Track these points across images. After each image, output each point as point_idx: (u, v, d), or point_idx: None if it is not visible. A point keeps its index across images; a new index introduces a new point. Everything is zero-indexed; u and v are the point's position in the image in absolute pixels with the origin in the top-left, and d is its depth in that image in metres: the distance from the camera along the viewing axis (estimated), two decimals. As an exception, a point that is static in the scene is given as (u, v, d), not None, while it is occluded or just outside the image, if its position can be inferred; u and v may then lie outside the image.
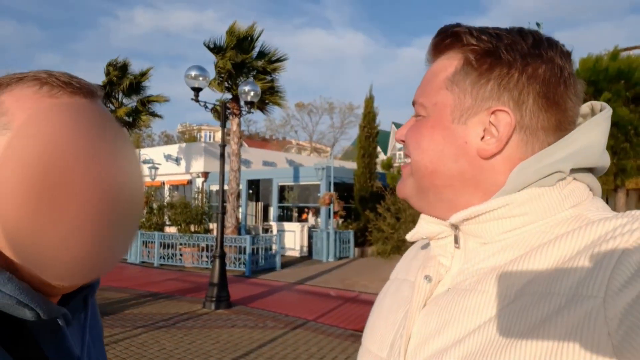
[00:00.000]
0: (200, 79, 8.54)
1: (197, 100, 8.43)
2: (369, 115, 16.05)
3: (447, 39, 0.63)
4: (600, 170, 0.62)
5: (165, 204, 16.00)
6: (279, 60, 14.78)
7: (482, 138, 0.59)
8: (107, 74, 18.57)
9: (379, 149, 17.48)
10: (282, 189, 17.41)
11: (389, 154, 17.66)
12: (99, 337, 0.75)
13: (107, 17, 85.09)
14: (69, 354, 0.59)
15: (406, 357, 0.60)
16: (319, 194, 15.29)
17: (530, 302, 0.50)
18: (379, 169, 16.29)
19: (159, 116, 18.54)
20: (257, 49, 14.55)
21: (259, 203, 19.58)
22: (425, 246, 0.75)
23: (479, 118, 0.59)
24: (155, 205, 15.88)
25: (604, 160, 0.60)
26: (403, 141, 0.67)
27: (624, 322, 0.44)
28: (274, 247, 12.69)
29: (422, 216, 0.66)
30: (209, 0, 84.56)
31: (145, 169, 18.55)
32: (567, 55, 0.60)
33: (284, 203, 17.50)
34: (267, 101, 14.59)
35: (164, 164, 20.91)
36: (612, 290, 0.45)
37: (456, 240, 0.63)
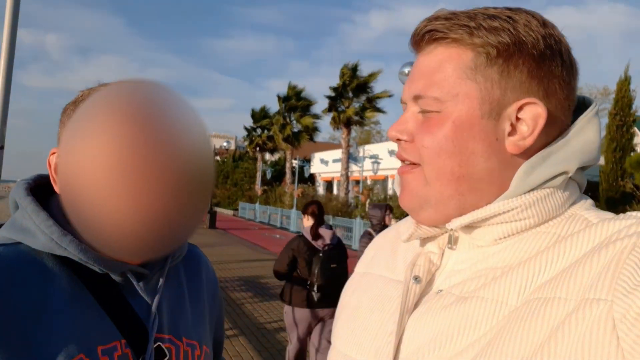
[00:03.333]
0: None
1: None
2: (623, 101, 13.22)
3: (455, 34, 0.55)
4: (589, 168, 0.60)
5: (387, 196, 16.89)
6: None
7: (510, 133, 0.55)
8: (341, 76, 20.72)
9: (636, 140, 14.24)
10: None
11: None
12: (200, 311, 0.81)
13: (345, 23, 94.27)
14: (144, 304, 0.70)
15: None
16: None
17: (536, 308, 0.48)
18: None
19: (383, 112, 19.68)
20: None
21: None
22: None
23: (508, 112, 0.55)
24: (376, 198, 16.94)
25: (598, 157, 0.58)
26: (401, 140, 0.59)
27: (635, 325, 0.42)
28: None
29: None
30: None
31: (368, 163, 19.94)
32: (562, 35, 0.57)
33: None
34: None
35: (388, 159, 21.99)
36: (620, 292, 0.44)
37: (450, 240, 0.59)
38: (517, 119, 0.55)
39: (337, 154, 25.18)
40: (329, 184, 28.89)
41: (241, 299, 6.75)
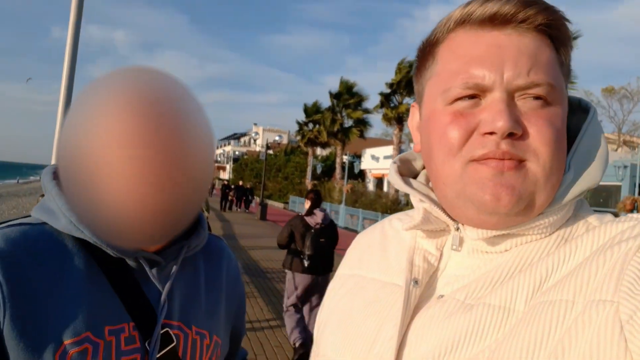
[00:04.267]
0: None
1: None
2: None
3: (556, 30, 0.52)
4: None
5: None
6: (575, 37, 12.84)
7: None
8: (398, 72, 20.40)
9: None
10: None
11: None
12: (215, 303, 0.82)
13: (404, 18, 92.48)
14: (156, 290, 0.72)
15: None
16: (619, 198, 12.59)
17: (543, 311, 0.47)
18: None
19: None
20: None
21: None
22: (392, 237, 0.66)
23: None
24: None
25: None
26: (514, 133, 0.49)
27: None
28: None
29: (427, 205, 0.57)
30: (502, -16, 79.80)
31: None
32: None
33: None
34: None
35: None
36: (626, 293, 0.43)
37: (456, 241, 0.56)
38: None
39: (388, 150, 24.88)
40: (379, 181, 28.62)
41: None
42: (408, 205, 18.94)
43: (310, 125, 30.44)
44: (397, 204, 19.53)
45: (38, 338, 0.61)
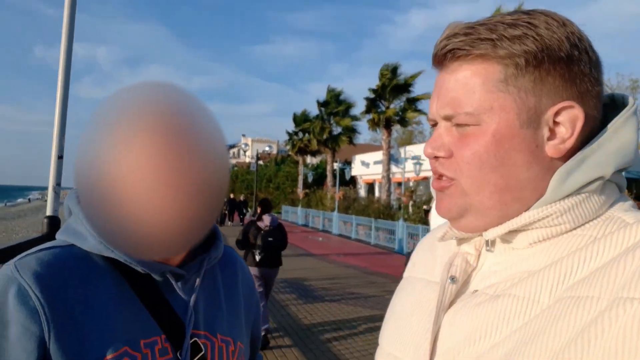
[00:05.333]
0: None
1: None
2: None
3: (479, 49, 0.55)
4: (628, 168, 0.58)
5: (431, 198, 16.56)
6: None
7: (549, 138, 0.55)
8: (381, 77, 20.59)
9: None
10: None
11: None
12: (235, 310, 0.86)
13: (386, 24, 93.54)
14: (182, 302, 0.75)
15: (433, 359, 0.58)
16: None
17: (568, 306, 0.48)
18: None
19: (424, 113, 19.37)
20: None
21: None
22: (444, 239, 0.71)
23: (545, 117, 0.54)
24: (419, 200, 16.66)
25: (637, 158, 0.57)
26: (438, 157, 0.59)
27: None
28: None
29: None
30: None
31: (410, 164, 19.69)
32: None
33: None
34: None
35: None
36: None
37: (487, 242, 0.60)
38: (555, 122, 0.54)
39: (378, 155, 25.00)
40: (370, 186, 28.72)
41: (285, 301, 6.84)
42: (400, 209, 19.02)
43: (300, 134, 30.52)
44: (389, 209, 19.60)
45: (80, 353, 0.64)
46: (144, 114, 0.59)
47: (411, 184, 22.38)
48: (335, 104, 26.58)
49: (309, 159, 34.17)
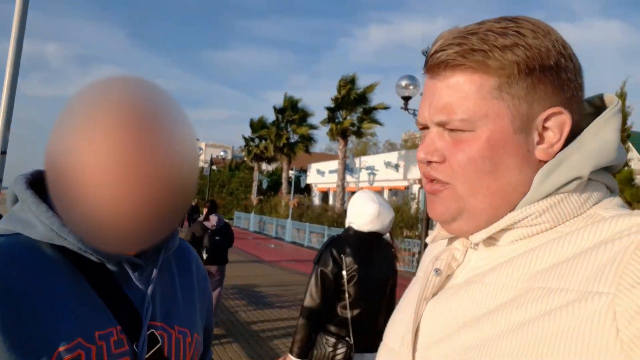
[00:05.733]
0: (411, 87, 8.84)
1: (406, 109, 8.78)
2: (616, 116, 13.33)
3: (472, 61, 0.56)
4: (617, 167, 0.59)
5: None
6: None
7: (538, 142, 0.57)
8: (339, 88, 20.90)
9: (630, 155, 14.37)
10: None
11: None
12: (191, 301, 0.86)
13: (346, 37, 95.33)
14: (139, 293, 0.73)
15: (415, 348, 0.61)
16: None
17: (538, 297, 0.50)
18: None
19: (380, 123, 19.88)
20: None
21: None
22: (438, 242, 0.74)
23: (536, 123, 0.56)
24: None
25: (621, 156, 0.58)
26: (431, 162, 0.60)
27: (635, 319, 0.43)
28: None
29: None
30: (439, 8, 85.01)
31: (365, 174, 20.10)
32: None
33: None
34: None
35: (383, 170, 22.06)
36: (623, 286, 0.45)
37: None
38: (544, 127, 0.57)
39: (334, 164, 25.25)
40: (324, 195, 28.91)
41: (235, 307, 6.74)
42: (353, 218, 19.17)
43: (257, 141, 30.29)
44: (343, 217, 19.79)
45: (31, 346, 0.61)
46: (109, 106, 0.59)
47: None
48: (292, 112, 26.62)
49: (265, 166, 33.94)
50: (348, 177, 22.83)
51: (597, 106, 0.62)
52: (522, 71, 0.55)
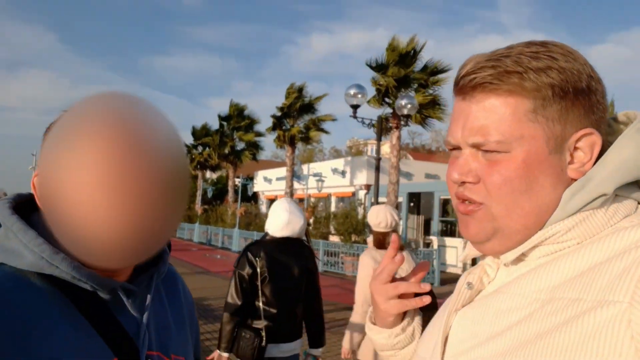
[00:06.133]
0: (359, 96, 8.99)
1: (354, 117, 8.92)
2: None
3: (508, 83, 0.57)
4: None
5: (330, 214, 17.05)
6: (441, 71, 14.48)
7: (570, 162, 0.59)
8: (287, 96, 20.88)
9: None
10: (444, 203, 16.85)
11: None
12: (182, 328, 0.82)
13: (289, 44, 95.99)
14: (133, 321, 0.69)
15: (444, 356, 0.63)
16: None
17: (559, 307, 0.52)
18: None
19: (327, 132, 20.08)
20: (420, 62, 14.54)
21: (420, 216, 19.27)
22: None
23: (568, 144, 0.58)
24: (321, 216, 17.05)
25: None
26: (465, 182, 0.61)
27: None
28: (434, 262, 12.34)
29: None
30: (380, 18, 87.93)
31: (312, 180, 20.21)
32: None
33: (446, 217, 16.89)
34: (426, 114, 14.41)
35: (331, 177, 22.30)
36: (638, 295, 0.46)
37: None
38: (575, 148, 0.58)
39: (281, 172, 25.16)
40: (272, 203, 28.65)
41: (183, 323, 6.45)
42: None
43: (200, 148, 29.53)
44: (291, 225, 19.70)
45: None
46: (99, 125, 0.58)
47: (312, 200, 22.82)
48: (238, 119, 26.23)
49: (209, 174, 33.15)
50: (296, 184, 22.82)
51: (623, 122, 0.64)
52: (557, 94, 0.56)
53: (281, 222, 2.63)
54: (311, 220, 18.40)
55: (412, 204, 18.90)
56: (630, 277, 0.48)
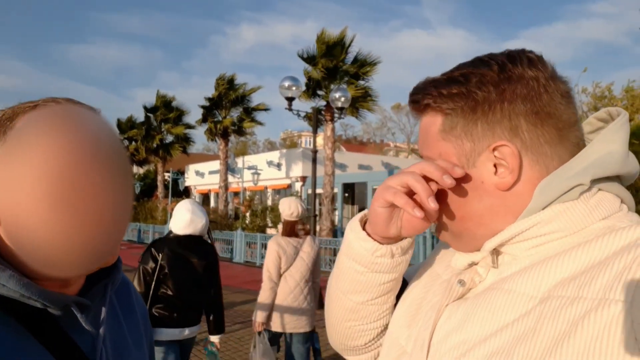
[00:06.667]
0: (294, 88, 8.99)
1: (290, 109, 8.92)
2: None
3: (422, 106, 0.66)
4: (629, 178, 0.61)
5: (267, 207, 16.95)
6: (371, 64, 14.85)
7: (496, 172, 0.60)
8: (217, 87, 20.31)
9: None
10: (377, 192, 17.39)
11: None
12: (138, 338, 0.79)
13: (217, 34, 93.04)
14: (88, 338, 0.65)
15: (429, 350, 0.62)
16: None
17: (559, 305, 0.51)
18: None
19: (261, 123, 19.85)
20: (350, 55, 14.80)
21: (355, 206, 19.79)
22: None
23: (485, 156, 0.60)
24: (257, 209, 16.90)
25: (629, 167, 0.60)
26: None
27: None
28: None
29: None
30: (309, 11, 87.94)
31: (248, 174, 19.91)
32: (535, 62, 0.60)
33: (379, 206, 17.42)
34: (358, 106, 14.75)
35: (266, 170, 22.13)
36: (639, 294, 0.46)
37: (493, 261, 0.63)
38: (497, 158, 0.60)
39: (214, 165, 24.52)
40: (205, 197, 27.92)
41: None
42: (238, 219, 18.93)
43: (126, 142, 27.92)
44: (226, 219, 19.38)
45: None
46: (49, 132, 0.58)
47: (248, 193, 22.52)
48: (166, 110, 25.07)
49: (136, 169, 31.49)
50: (230, 177, 22.37)
51: (603, 120, 0.64)
52: (459, 115, 0.62)
53: (184, 221, 2.93)
54: (247, 214, 18.17)
55: (346, 194, 19.34)
56: (632, 276, 0.47)
